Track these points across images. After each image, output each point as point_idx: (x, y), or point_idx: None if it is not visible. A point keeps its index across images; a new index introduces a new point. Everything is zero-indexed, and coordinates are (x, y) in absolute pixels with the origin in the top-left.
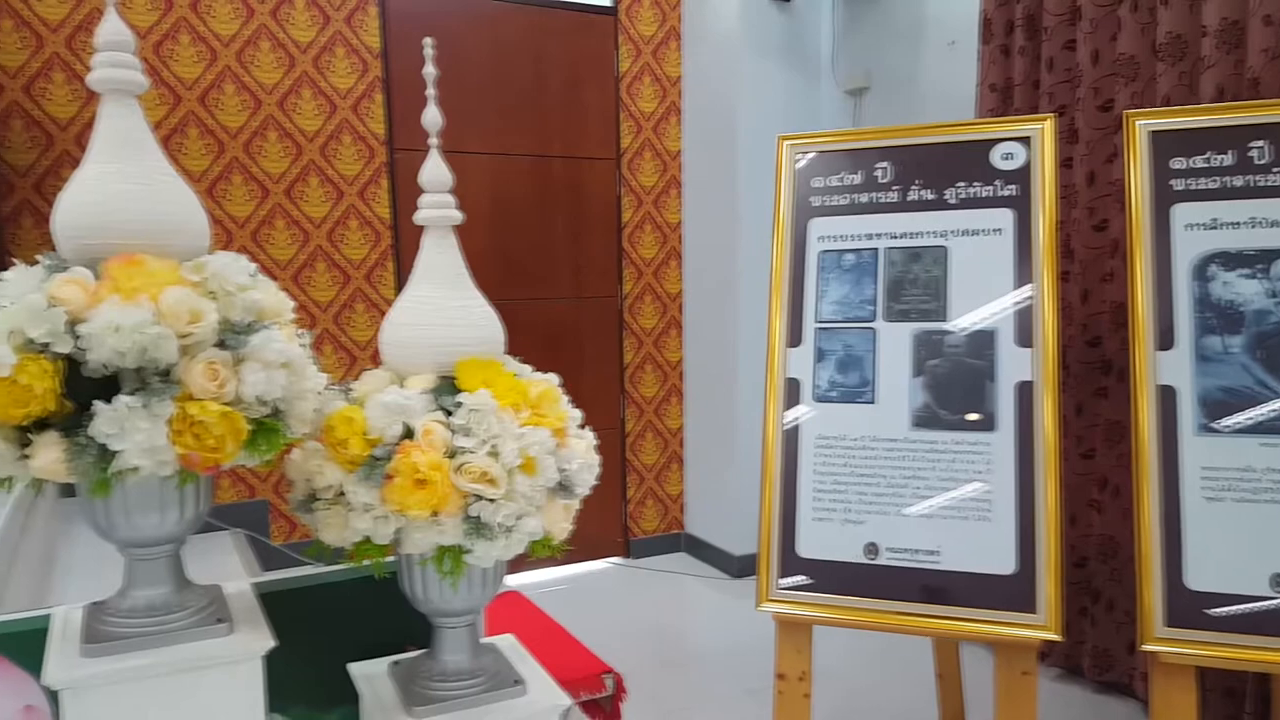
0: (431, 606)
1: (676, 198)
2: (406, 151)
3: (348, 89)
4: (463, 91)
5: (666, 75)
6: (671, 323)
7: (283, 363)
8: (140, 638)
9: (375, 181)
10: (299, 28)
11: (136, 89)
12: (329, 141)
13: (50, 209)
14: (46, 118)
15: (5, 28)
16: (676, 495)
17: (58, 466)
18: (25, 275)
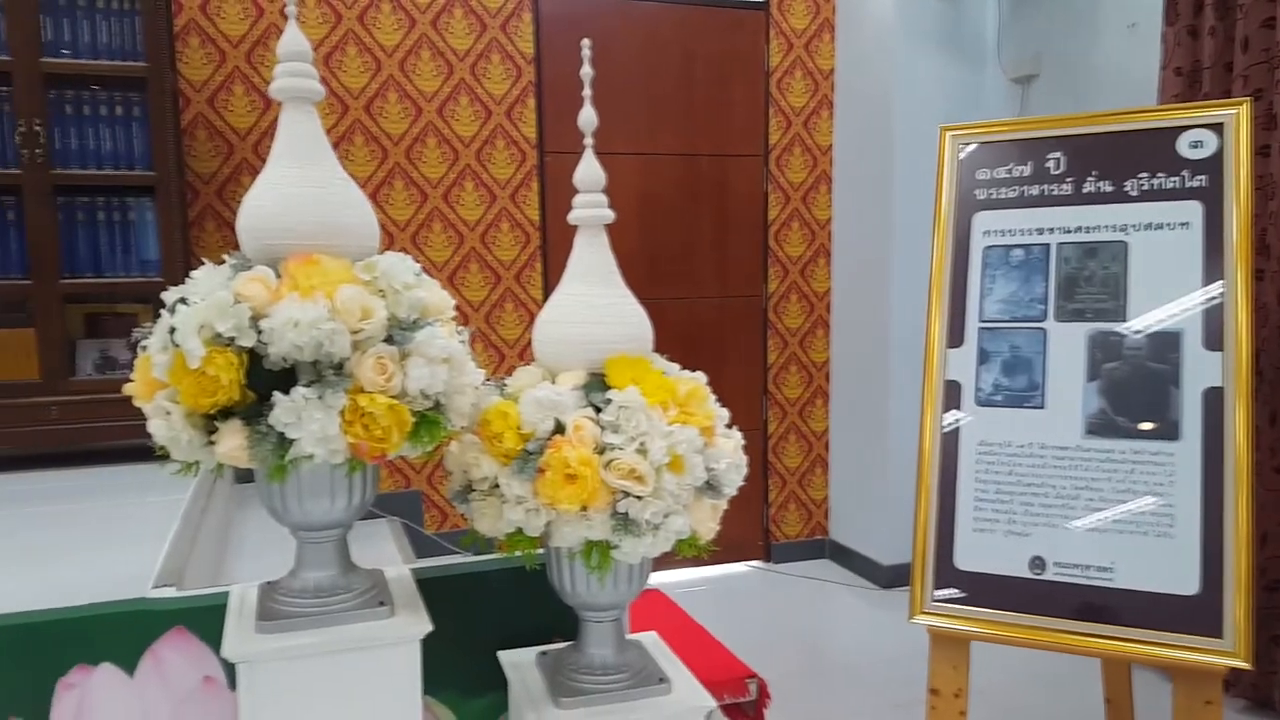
0: (579, 600)
1: (826, 194)
2: (556, 154)
3: (502, 94)
4: (612, 93)
5: (819, 68)
6: (818, 322)
7: (444, 358)
8: (308, 617)
9: (526, 184)
10: (457, 36)
11: (314, 97)
12: (484, 146)
13: (230, 214)
14: (228, 127)
15: (192, 44)
16: (820, 500)
17: (240, 453)
18: (212, 274)
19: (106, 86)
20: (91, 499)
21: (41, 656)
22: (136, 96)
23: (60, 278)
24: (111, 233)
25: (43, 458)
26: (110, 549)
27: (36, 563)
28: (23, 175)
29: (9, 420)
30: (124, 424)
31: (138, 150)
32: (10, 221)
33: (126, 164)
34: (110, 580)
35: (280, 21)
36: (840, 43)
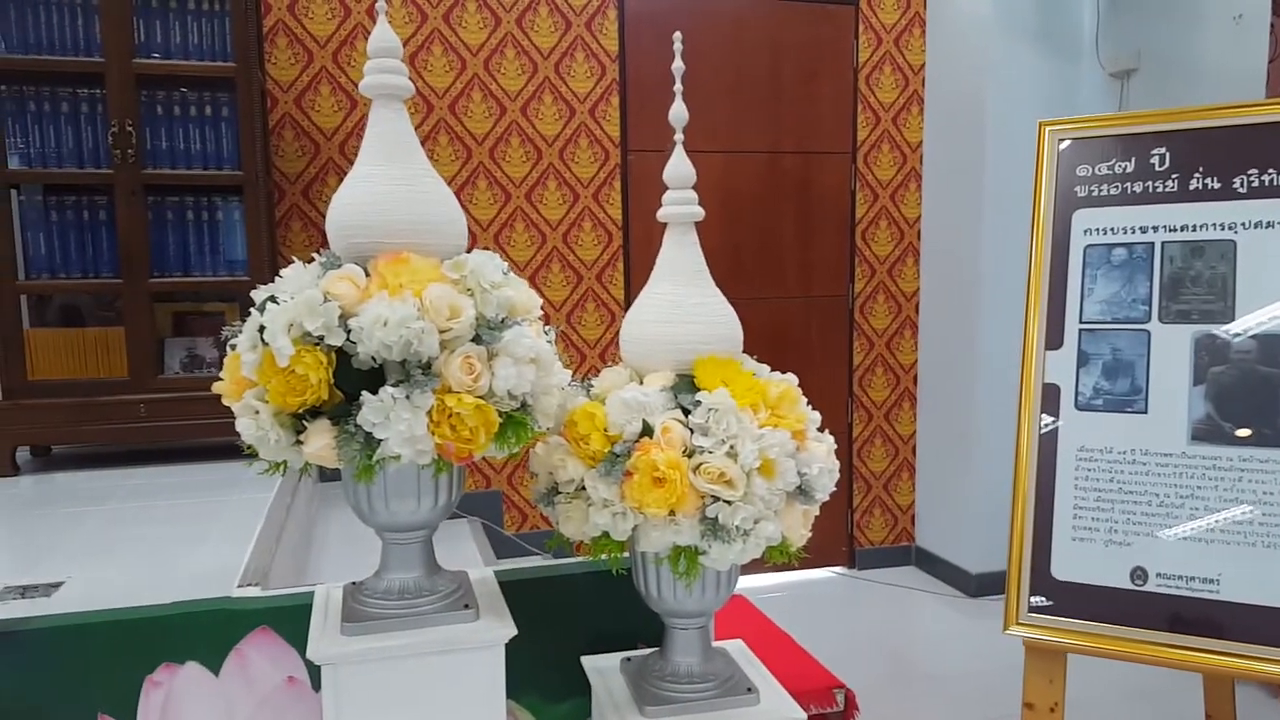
0: (664, 606)
1: (916, 191)
2: (639, 153)
3: (586, 93)
4: (696, 90)
5: (909, 64)
6: (906, 323)
7: (531, 358)
8: (394, 619)
9: (609, 183)
10: (541, 34)
11: (403, 93)
12: (567, 145)
13: (316, 214)
14: (314, 127)
15: (280, 44)
16: (907, 506)
17: (327, 452)
18: (301, 272)
19: (196, 87)
20: (178, 496)
21: (130, 654)
22: (225, 97)
23: (149, 277)
24: (200, 232)
25: (131, 454)
26: (197, 546)
27: (125, 559)
28: (114, 175)
29: (100, 417)
30: (210, 422)
31: (226, 150)
32: (101, 221)
33: (215, 164)
34: (197, 578)
35: (367, 21)
36: (931, 37)
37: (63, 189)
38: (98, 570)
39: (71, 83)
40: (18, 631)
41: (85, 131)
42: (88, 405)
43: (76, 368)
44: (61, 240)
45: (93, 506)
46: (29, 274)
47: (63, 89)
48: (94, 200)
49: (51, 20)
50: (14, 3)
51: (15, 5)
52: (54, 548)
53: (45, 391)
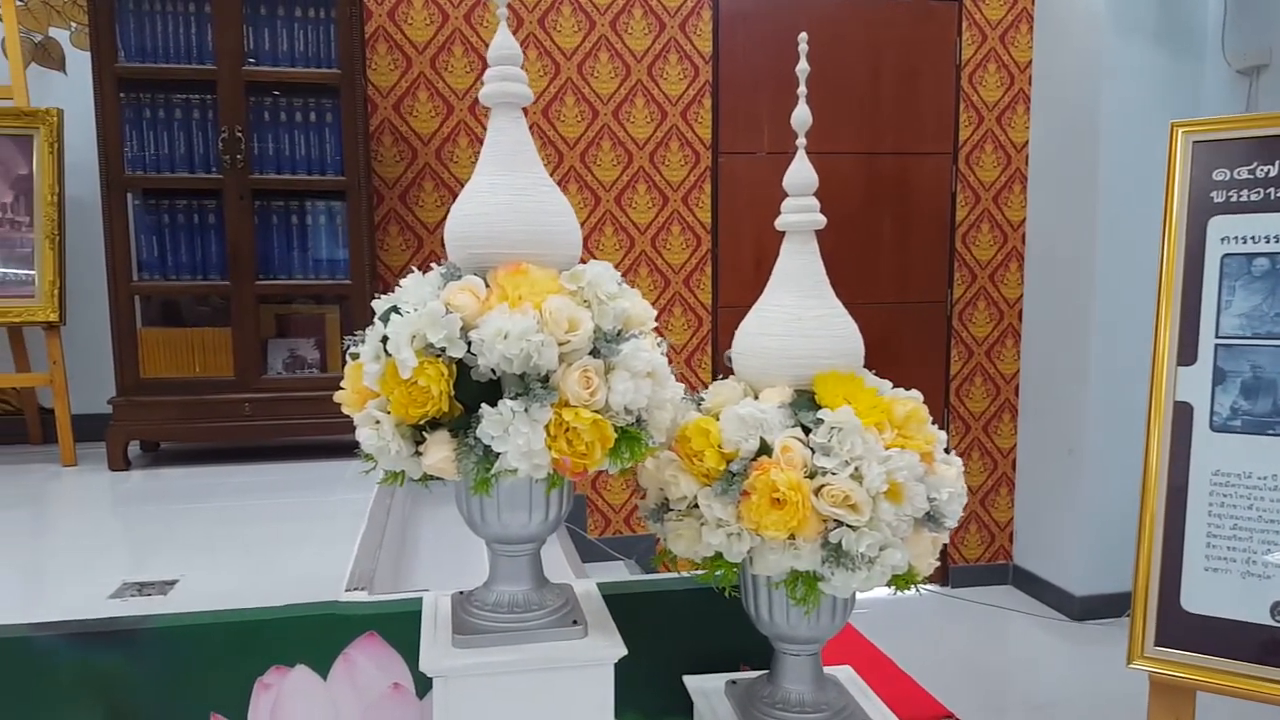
0: (776, 630)
1: (1020, 193)
2: (730, 155)
3: (678, 95)
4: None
5: (1015, 61)
6: (1008, 331)
7: (648, 371)
8: (504, 632)
9: (699, 186)
10: (635, 36)
11: (523, 101)
12: (658, 148)
13: (413, 219)
14: (412, 133)
15: (380, 50)
16: (1005, 523)
17: (446, 464)
18: (422, 282)
19: (301, 93)
20: (280, 495)
21: (242, 655)
22: (329, 103)
23: (256, 279)
24: (303, 236)
25: (233, 451)
26: (302, 548)
27: (234, 559)
28: (224, 180)
29: (207, 415)
30: (309, 421)
31: (329, 156)
32: (210, 224)
33: (318, 169)
34: (304, 581)
35: (464, 27)
36: (1039, 33)
37: (174, 193)
38: (208, 569)
39: (184, 89)
40: (138, 630)
41: (196, 137)
42: (195, 403)
43: (185, 367)
44: (173, 243)
45: (199, 503)
46: (141, 276)
47: (176, 96)
48: (203, 204)
49: (167, 29)
50: (133, 13)
51: (134, 16)
52: (165, 544)
53: (156, 389)
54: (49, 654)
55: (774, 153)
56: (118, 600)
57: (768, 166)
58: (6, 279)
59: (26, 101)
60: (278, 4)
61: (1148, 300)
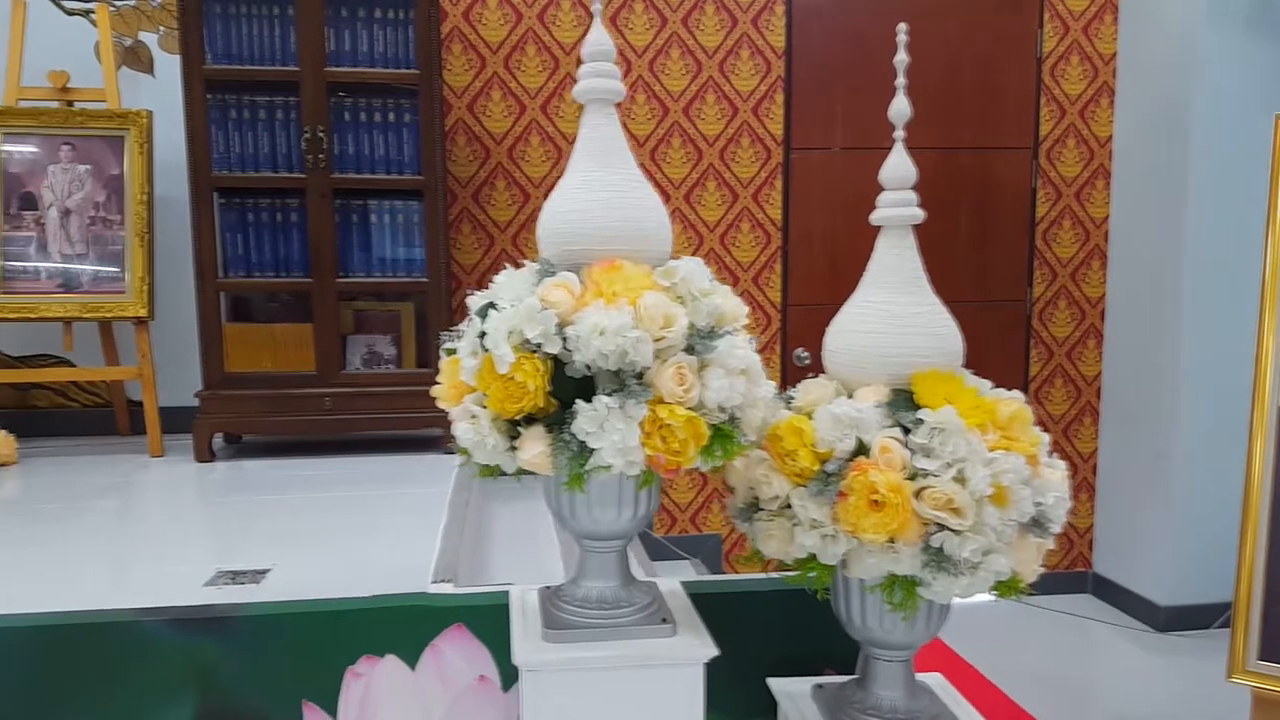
0: (868, 635)
1: (1104, 189)
2: (802, 151)
3: (749, 91)
4: (866, 85)
5: (1099, 53)
6: (1089, 332)
7: (742, 369)
8: (594, 628)
9: (769, 183)
10: (707, 33)
11: (617, 97)
12: (728, 145)
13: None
14: (485, 133)
15: (455, 50)
16: (1084, 529)
17: (542, 460)
18: (517, 278)
19: (380, 94)
20: (361, 487)
21: (334, 644)
22: (407, 103)
23: (336, 277)
24: (381, 234)
25: (311, 444)
26: (386, 539)
27: (320, 549)
28: (306, 179)
29: (289, 409)
30: (386, 416)
31: (407, 155)
32: (293, 223)
33: (396, 169)
34: (392, 572)
35: (538, 26)
36: (1125, 24)
37: (257, 192)
38: (296, 559)
39: (268, 90)
40: (234, 617)
41: (279, 137)
42: (278, 397)
43: (266, 361)
44: (256, 241)
45: (283, 495)
46: (226, 273)
47: (260, 96)
48: (285, 203)
49: (252, 31)
50: (220, 16)
51: (221, 19)
52: (254, 534)
53: (240, 383)
54: (150, 638)
55: (848, 148)
56: (213, 588)
57: (841, 162)
58: (99, 275)
59: (118, 103)
60: (358, 5)
61: (1242, 300)
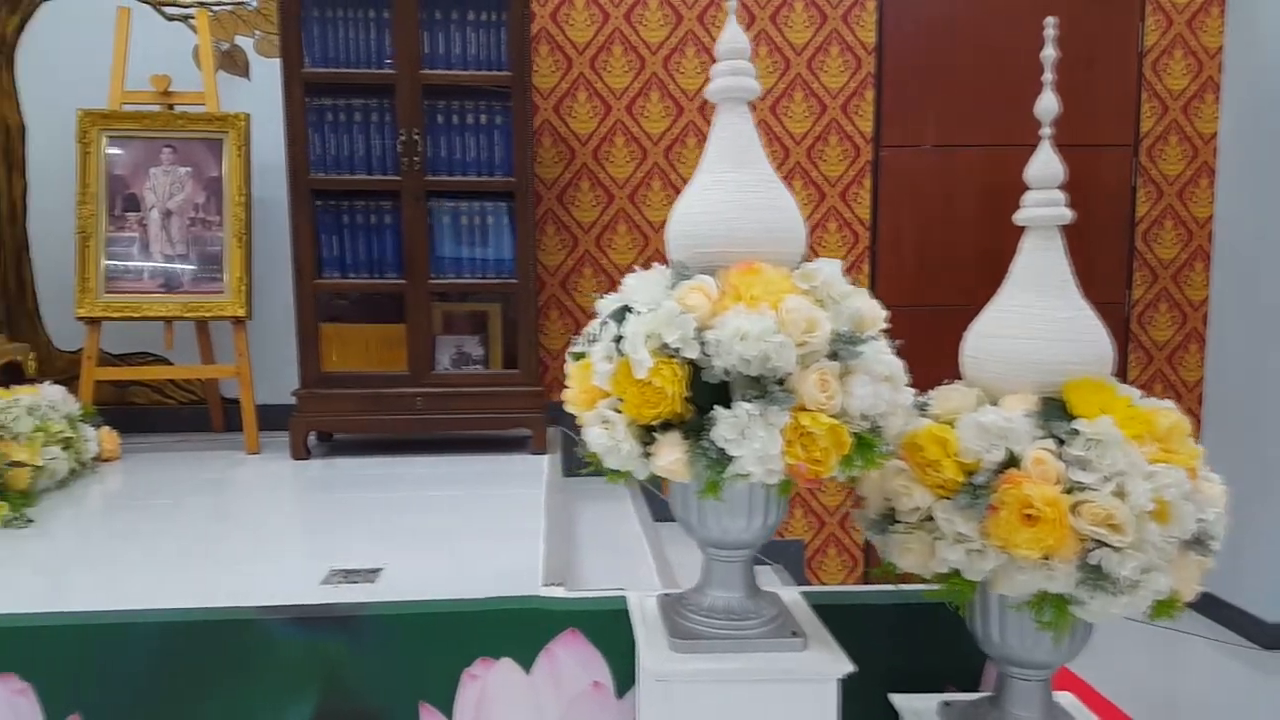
0: (1006, 653)
1: (1208, 188)
2: (892, 149)
3: (838, 88)
4: (956, 80)
5: (1203, 47)
6: (1191, 335)
7: (887, 375)
8: (722, 639)
9: (858, 182)
10: (795, 30)
11: (751, 95)
12: (815, 143)
13: (569, 218)
14: (570, 134)
15: (542, 52)
16: None
17: (678, 466)
18: (650, 281)
19: (473, 96)
20: (457, 486)
21: (450, 645)
22: (499, 105)
23: (429, 277)
24: (471, 235)
25: (400, 443)
26: (489, 539)
27: (425, 549)
28: (401, 182)
29: (381, 408)
30: (476, 416)
31: (497, 157)
32: (387, 225)
33: (487, 170)
34: (501, 574)
35: (624, 26)
36: (1231, 16)
37: (352, 194)
38: (403, 558)
39: (363, 93)
40: (357, 616)
41: (374, 139)
42: (371, 396)
43: (359, 361)
44: (350, 242)
45: (383, 493)
46: (320, 273)
47: (356, 99)
48: (379, 204)
49: (348, 35)
50: (317, 20)
51: (318, 23)
52: (359, 532)
53: (334, 382)
54: (273, 636)
55: (939, 146)
56: (329, 587)
57: (932, 160)
58: (198, 276)
59: (217, 106)
60: (451, 8)
61: None
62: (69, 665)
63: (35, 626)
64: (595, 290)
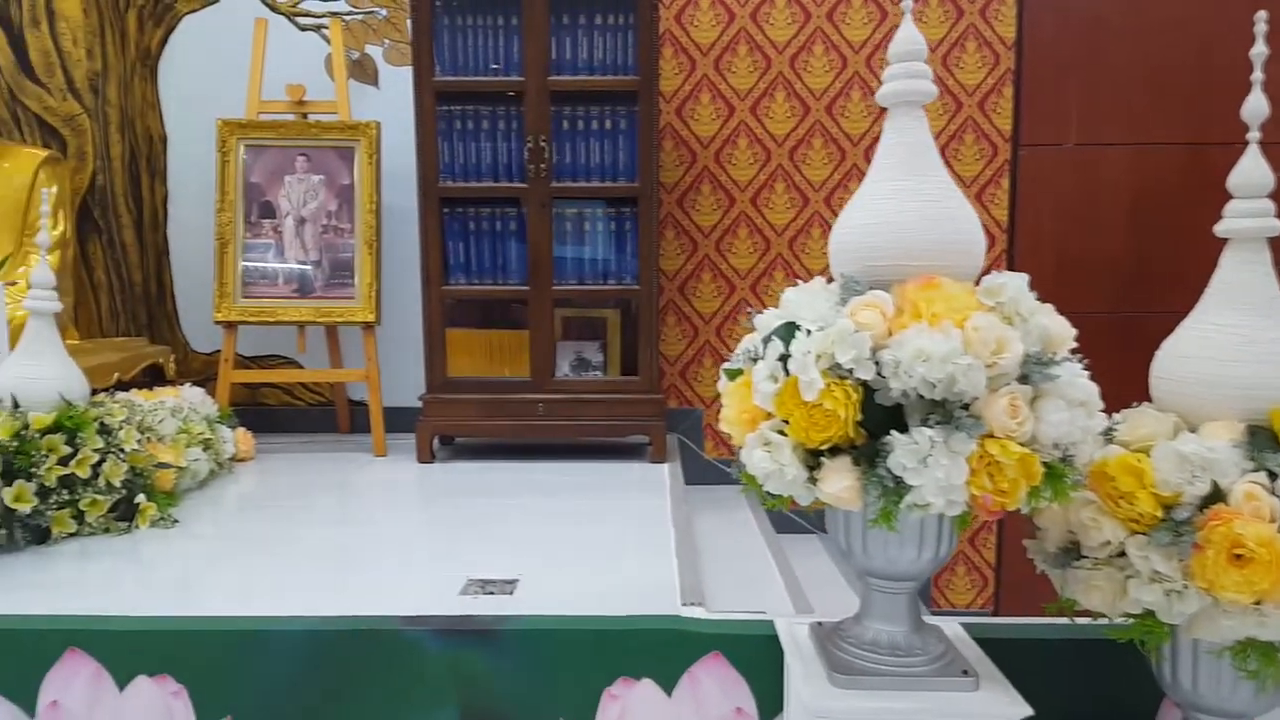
0: (1197, 701)
1: None
2: (1032, 148)
3: (975, 85)
4: (1105, 78)
5: None
6: None
7: (1082, 401)
8: (887, 676)
9: (994, 182)
10: (930, 25)
11: (926, 99)
12: (950, 141)
13: (689, 222)
14: (692, 136)
15: (666, 54)
16: None
17: (849, 494)
18: (814, 295)
19: (599, 101)
20: (582, 495)
21: (590, 663)
22: (624, 109)
23: (552, 284)
24: (594, 241)
25: (525, 448)
26: (619, 552)
27: (559, 560)
28: (527, 189)
29: (503, 413)
30: (596, 423)
31: (621, 161)
32: (511, 231)
33: (611, 175)
34: (632, 589)
35: (750, 26)
36: None
37: (478, 201)
38: (537, 568)
39: (490, 100)
40: (497, 630)
41: (500, 146)
42: (494, 402)
43: (482, 366)
44: (476, 248)
45: (509, 499)
46: (447, 280)
47: (483, 106)
48: (504, 211)
49: (477, 43)
50: (447, 29)
51: (449, 31)
52: (489, 538)
53: (459, 387)
54: (415, 646)
55: (1082, 144)
56: (468, 597)
57: (1074, 159)
58: (330, 281)
59: (349, 115)
60: (579, 13)
61: None
62: (218, 669)
63: (186, 631)
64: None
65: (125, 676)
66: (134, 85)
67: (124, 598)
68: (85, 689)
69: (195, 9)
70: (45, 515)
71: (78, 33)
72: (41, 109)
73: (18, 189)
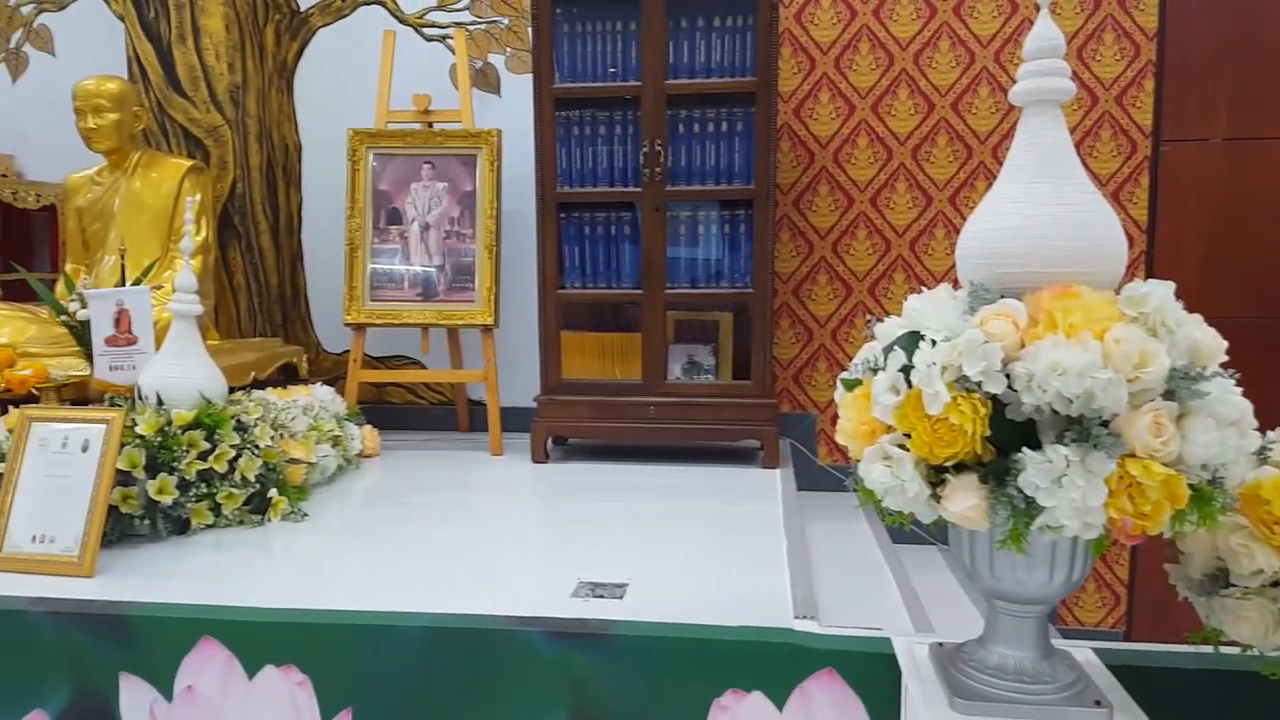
0: None
1: None
2: (1175, 143)
3: (1112, 78)
4: (1253, 66)
5: None
6: None
7: (1234, 419)
8: (1014, 703)
9: (1133, 180)
10: (1064, 18)
11: (1064, 97)
12: (1085, 138)
13: (805, 224)
14: (810, 137)
15: (784, 54)
16: None
17: (975, 514)
18: (940, 304)
19: (716, 104)
20: (692, 499)
21: (701, 673)
22: (740, 111)
23: (665, 287)
24: (708, 243)
25: (636, 450)
26: (730, 558)
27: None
28: (642, 193)
29: (617, 416)
30: (707, 426)
31: (737, 164)
32: (625, 235)
33: (726, 178)
34: (743, 598)
35: (872, 22)
36: None
37: (593, 205)
38: (647, 573)
39: (607, 106)
40: (608, 634)
41: (616, 150)
42: (606, 404)
43: (595, 369)
44: (591, 252)
45: (620, 501)
46: (563, 284)
47: (600, 112)
48: (619, 215)
49: (596, 49)
50: (567, 36)
51: (568, 38)
52: (600, 540)
53: (573, 389)
54: (527, 647)
55: (1231, 139)
56: (579, 600)
57: (1222, 155)
58: (452, 285)
59: (472, 123)
60: (698, 16)
61: None
62: (340, 662)
63: (312, 624)
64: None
65: (254, 665)
66: (271, 97)
67: (255, 588)
68: (217, 676)
69: (329, 22)
70: (185, 507)
71: (220, 47)
72: (187, 120)
73: (164, 197)
